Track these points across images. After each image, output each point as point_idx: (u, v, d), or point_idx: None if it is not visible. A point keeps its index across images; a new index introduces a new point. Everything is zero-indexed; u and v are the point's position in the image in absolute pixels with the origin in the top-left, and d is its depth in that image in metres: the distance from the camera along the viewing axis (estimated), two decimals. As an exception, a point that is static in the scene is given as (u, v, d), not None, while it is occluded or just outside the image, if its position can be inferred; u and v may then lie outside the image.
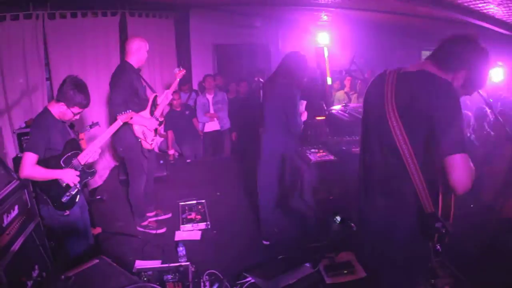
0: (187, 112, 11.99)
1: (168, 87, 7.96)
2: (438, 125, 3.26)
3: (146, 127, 7.49)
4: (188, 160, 12.02)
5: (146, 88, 7.79)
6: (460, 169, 3.21)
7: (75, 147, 5.63)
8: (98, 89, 10.68)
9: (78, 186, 5.55)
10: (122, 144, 7.52)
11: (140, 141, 7.48)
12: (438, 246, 3.56)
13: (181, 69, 8.11)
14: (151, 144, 7.62)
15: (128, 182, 8.14)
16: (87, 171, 5.78)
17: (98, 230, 7.67)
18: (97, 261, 4.70)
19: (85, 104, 5.48)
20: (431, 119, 3.29)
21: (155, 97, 7.68)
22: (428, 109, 3.31)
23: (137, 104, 7.32)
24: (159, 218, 8.42)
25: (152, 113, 7.59)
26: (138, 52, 7.30)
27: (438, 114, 3.27)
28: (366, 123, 3.98)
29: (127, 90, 7.14)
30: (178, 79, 8.13)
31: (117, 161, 11.41)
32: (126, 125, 7.08)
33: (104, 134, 6.10)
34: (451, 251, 6.01)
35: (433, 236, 3.47)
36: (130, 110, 6.57)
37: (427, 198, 3.40)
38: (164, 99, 7.88)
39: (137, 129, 7.39)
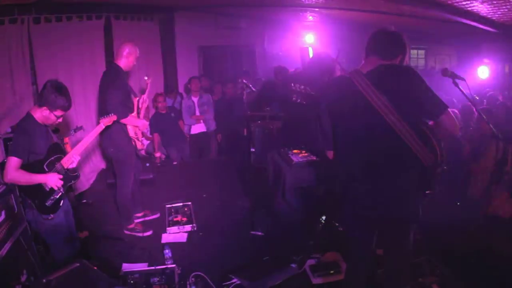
0: (172, 115, 12.01)
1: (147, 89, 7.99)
2: (424, 99, 4.10)
3: (138, 128, 7.61)
4: (175, 162, 12.00)
5: (130, 93, 7.78)
6: (453, 119, 4.13)
7: (58, 151, 5.69)
8: (84, 93, 10.70)
9: (61, 190, 5.58)
10: (114, 145, 7.56)
11: (133, 142, 7.58)
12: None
13: (148, 77, 8.19)
14: (142, 143, 7.75)
15: (115, 184, 8.15)
16: (71, 174, 5.81)
17: (85, 233, 7.68)
18: (78, 264, 4.73)
19: (67, 106, 5.53)
20: (417, 98, 4.08)
21: (138, 101, 7.76)
22: (412, 91, 4.10)
23: (128, 107, 7.41)
24: (148, 218, 8.47)
25: (138, 115, 7.68)
26: (128, 56, 7.36)
27: (420, 92, 4.10)
28: (346, 125, 4.43)
29: (122, 92, 7.24)
30: (150, 85, 8.19)
31: (105, 164, 11.40)
32: (119, 126, 7.21)
33: (87, 137, 6.09)
34: (438, 249, 6.10)
35: (433, 182, 4.35)
36: (112, 114, 6.60)
37: (426, 153, 4.14)
38: (144, 103, 7.93)
39: (131, 130, 7.49)
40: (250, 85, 11.08)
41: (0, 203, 5.51)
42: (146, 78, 8.16)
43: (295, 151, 8.18)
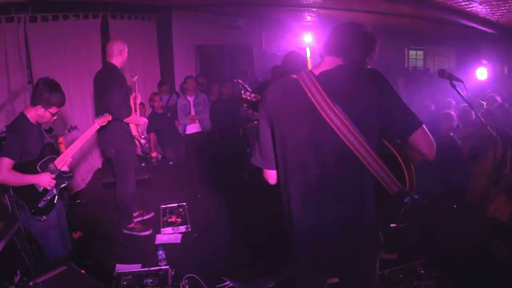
0: (168, 114, 11.97)
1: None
2: (394, 112, 3.31)
3: (140, 125, 7.66)
4: (171, 162, 12.02)
5: None
6: (428, 138, 3.35)
7: (52, 151, 5.65)
8: (80, 92, 10.73)
9: (54, 190, 5.55)
10: (115, 146, 7.54)
11: (137, 139, 7.63)
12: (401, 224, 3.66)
13: (133, 75, 8.19)
14: (144, 141, 7.70)
15: (116, 183, 8.16)
16: (64, 175, 5.78)
17: (78, 234, 7.67)
18: (64, 267, 4.70)
19: (61, 103, 5.51)
20: (384, 110, 3.28)
21: (134, 98, 7.84)
22: (377, 101, 3.29)
23: (130, 105, 7.45)
24: (143, 218, 8.50)
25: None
26: (121, 53, 7.34)
27: (389, 103, 3.32)
28: (288, 136, 3.51)
29: (123, 90, 7.23)
30: (136, 84, 8.19)
31: (101, 164, 11.38)
32: (121, 126, 7.24)
33: (81, 137, 6.03)
34: (435, 252, 6.06)
35: (399, 214, 3.50)
36: (107, 113, 6.57)
37: (391, 179, 3.34)
38: (137, 100, 8.00)
39: (134, 128, 7.52)
40: (246, 86, 11.06)
41: (-7, 203, 5.51)
42: (132, 76, 8.16)
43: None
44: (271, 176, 3.81)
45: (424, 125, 3.34)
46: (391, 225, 3.72)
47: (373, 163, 3.27)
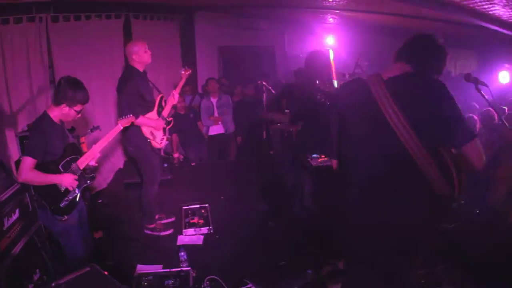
0: (191, 115, 11.95)
1: (174, 87, 7.98)
2: (451, 122, 3.62)
3: (153, 128, 7.56)
4: (193, 163, 11.95)
5: (153, 90, 7.84)
6: (478, 151, 3.67)
7: (74, 151, 5.60)
8: (103, 92, 10.71)
9: (76, 191, 5.51)
10: (132, 144, 7.61)
11: (150, 142, 7.53)
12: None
13: (187, 69, 8.16)
14: (161, 143, 7.71)
15: (138, 184, 8.22)
16: (86, 176, 5.75)
17: (99, 234, 7.66)
18: (88, 269, 4.66)
19: (86, 100, 5.47)
20: (442, 119, 3.60)
21: (161, 98, 7.76)
22: (438, 110, 3.61)
23: (143, 107, 7.39)
24: (163, 222, 8.36)
25: (159, 113, 7.67)
26: (136, 55, 7.29)
27: (448, 113, 3.62)
28: (352, 132, 3.99)
29: (132, 95, 7.20)
30: (185, 79, 8.18)
31: (123, 164, 11.36)
32: (135, 126, 7.18)
33: (104, 138, 5.97)
34: (457, 257, 5.99)
35: (448, 217, 4.06)
36: (131, 114, 6.53)
37: (444, 184, 3.64)
38: (171, 98, 7.93)
39: (146, 130, 7.47)
40: (270, 88, 11.00)
41: (14, 201, 5.49)
42: (183, 70, 8.15)
43: (314, 155, 8.09)
44: (334, 164, 4.69)
45: (476, 139, 3.66)
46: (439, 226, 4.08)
47: (428, 166, 3.61)
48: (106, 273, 4.68)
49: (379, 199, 3.82)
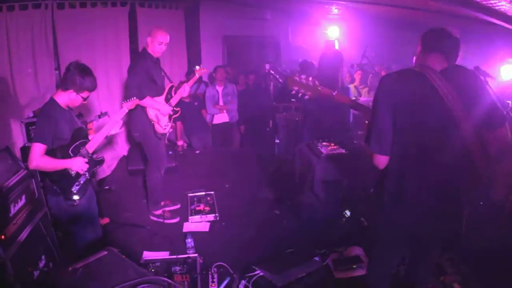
0: (196, 103, 11.93)
1: (179, 77, 8.03)
2: (490, 108, 3.74)
3: (159, 111, 7.60)
4: (197, 151, 11.96)
5: (164, 78, 7.94)
6: (508, 132, 3.87)
7: (83, 136, 5.59)
8: (108, 79, 10.75)
9: (87, 175, 5.51)
10: (138, 129, 7.67)
11: (153, 124, 7.58)
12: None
13: (202, 68, 8.37)
14: (165, 128, 7.73)
15: (143, 170, 8.33)
16: (96, 159, 5.76)
17: (106, 220, 7.68)
18: (105, 253, 4.64)
19: (93, 87, 5.47)
20: (483, 105, 3.71)
21: (171, 87, 7.86)
22: (480, 98, 3.74)
23: (153, 90, 7.50)
24: (168, 209, 8.35)
25: (167, 100, 7.75)
26: (151, 43, 7.40)
27: (488, 100, 3.76)
28: (412, 125, 3.82)
29: (142, 75, 7.29)
30: (198, 77, 8.39)
31: (127, 151, 11.38)
32: (140, 109, 7.28)
33: (111, 121, 6.03)
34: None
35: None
36: (135, 97, 6.66)
37: (485, 174, 3.92)
38: (181, 90, 8.02)
39: (151, 113, 7.51)
40: (277, 76, 10.98)
41: (20, 187, 5.53)
42: (198, 67, 8.36)
43: (324, 143, 8.08)
44: (383, 161, 4.02)
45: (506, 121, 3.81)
46: None
47: (481, 157, 3.80)
48: (123, 256, 4.66)
49: (442, 188, 3.89)
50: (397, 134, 3.83)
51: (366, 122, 4.36)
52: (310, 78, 4.70)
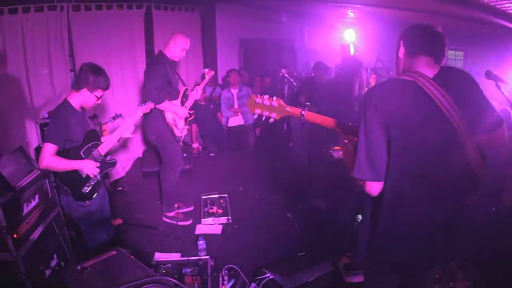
0: (211, 106, 11.99)
1: (194, 80, 8.05)
2: (485, 109, 3.41)
3: (176, 115, 7.62)
4: (212, 154, 12.05)
5: (178, 81, 7.91)
6: (505, 133, 3.51)
7: (95, 138, 5.61)
8: (123, 81, 10.77)
9: (98, 177, 5.51)
10: (154, 132, 7.67)
11: (171, 128, 7.60)
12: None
13: (210, 70, 8.36)
14: (182, 131, 7.76)
15: (158, 172, 8.29)
16: (108, 162, 5.75)
17: (118, 221, 7.72)
18: (114, 252, 4.65)
19: (107, 86, 5.48)
20: (479, 108, 3.39)
21: (186, 90, 7.84)
22: (475, 100, 3.40)
23: (169, 93, 7.48)
24: (181, 211, 8.39)
25: (182, 103, 7.74)
26: (173, 47, 7.41)
27: (484, 103, 3.43)
28: (409, 141, 3.31)
29: (160, 78, 7.28)
30: (208, 79, 8.37)
31: (142, 153, 11.40)
32: (156, 112, 7.29)
33: (125, 124, 6.02)
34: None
35: None
36: (150, 101, 6.67)
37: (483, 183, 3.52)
38: (194, 93, 8.00)
39: (168, 116, 7.53)
40: (292, 80, 10.98)
41: (34, 187, 5.55)
42: (207, 70, 8.34)
43: (336, 148, 8.08)
44: (377, 188, 3.50)
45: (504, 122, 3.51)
46: None
47: (479, 168, 3.42)
48: (132, 257, 4.68)
49: (444, 204, 3.48)
50: (392, 157, 3.36)
51: (346, 141, 4.11)
52: (274, 98, 4.34)
